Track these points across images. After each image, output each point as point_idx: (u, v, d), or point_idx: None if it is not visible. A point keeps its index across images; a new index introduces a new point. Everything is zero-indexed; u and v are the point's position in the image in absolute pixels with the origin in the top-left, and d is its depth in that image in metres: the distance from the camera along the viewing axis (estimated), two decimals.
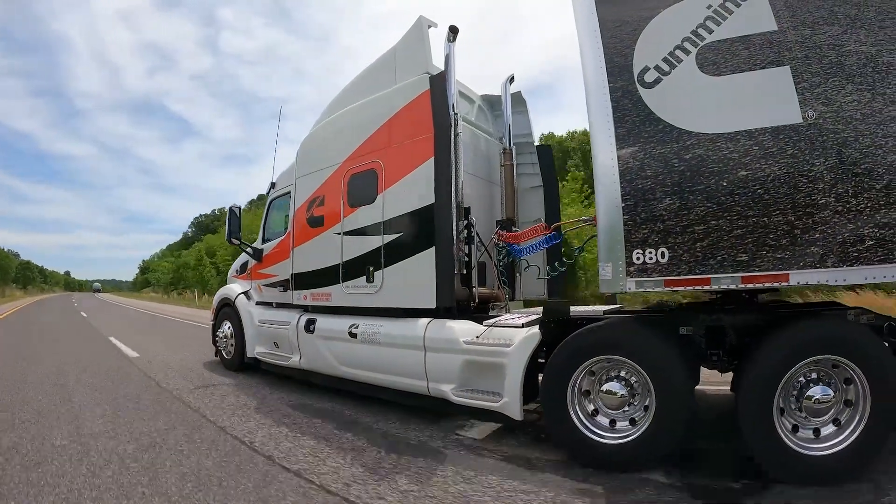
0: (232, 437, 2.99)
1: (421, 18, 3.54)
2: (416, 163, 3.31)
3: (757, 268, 2.21)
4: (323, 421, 3.37)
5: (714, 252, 2.25)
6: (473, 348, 2.95)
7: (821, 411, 2.24)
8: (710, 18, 2.46)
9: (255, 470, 2.47)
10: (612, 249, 2.39)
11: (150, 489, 2.20)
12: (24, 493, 2.15)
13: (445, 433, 3.08)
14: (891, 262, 2.12)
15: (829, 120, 2.24)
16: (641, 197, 2.36)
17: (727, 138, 2.29)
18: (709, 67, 2.39)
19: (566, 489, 2.22)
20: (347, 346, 3.64)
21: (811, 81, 2.29)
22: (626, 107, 2.46)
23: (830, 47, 2.32)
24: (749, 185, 2.23)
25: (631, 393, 2.50)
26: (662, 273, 2.31)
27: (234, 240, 4.83)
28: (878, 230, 2.15)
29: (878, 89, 2.23)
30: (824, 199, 2.19)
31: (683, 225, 2.28)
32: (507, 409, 2.75)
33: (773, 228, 2.20)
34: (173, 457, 2.62)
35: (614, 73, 2.52)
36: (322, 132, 4.22)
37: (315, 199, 4.06)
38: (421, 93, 3.32)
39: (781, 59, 2.34)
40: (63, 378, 4.74)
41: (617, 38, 2.57)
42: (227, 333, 5.01)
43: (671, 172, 2.33)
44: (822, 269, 2.17)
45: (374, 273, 3.52)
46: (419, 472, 2.45)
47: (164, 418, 3.40)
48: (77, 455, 2.63)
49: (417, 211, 3.27)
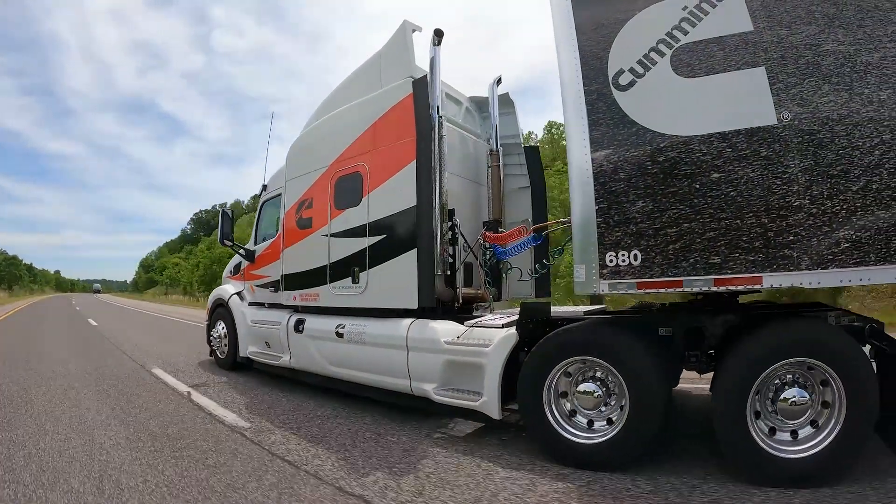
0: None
1: (405, 23, 3.58)
2: (399, 166, 3.35)
3: (730, 270, 2.21)
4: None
5: (686, 254, 2.25)
6: (454, 348, 2.99)
7: (796, 413, 2.23)
8: (686, 20, 2.45)
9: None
10: (586, 251, 2.41)
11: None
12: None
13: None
14: (867, 265, 2.10)
15: (804, 121, 2.22)
16: (615, 199, 2.37)
17: (700, 140, 2.28)
18: (683, 69, 2.39)
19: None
20: (335, 345, 3.70)
21: (787, 82, 2.27)
22: (600, 110, 2.46)
23: (807, 47, 2.30)
24: (722, 187, 2.23)
25: (607, 393, 2.52)
26: (635, 275, 2.32)
27: (226, 241, 4.92)
28: (855, 232, 2.13)
29: (855, 89, 2.19)
30: (799, 202, 2.18)
31: (656, 227, 2.29)
32: (486, 409, 2.79)
33: (746, 231, 2.19)
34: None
35: (589, 76, 2.52)
36: (311, 135, 4.28)
37: (304, 201, 4.12)
38: (404, 97, 3.36)
39: (756, 59, 2.32)
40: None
41: (593, 41, 2.57)
42: (221, 333, 5.10)
43: (644, 175, 2.33)
44: (795, 271, 2.16)
45: (360, 274, 3.57)
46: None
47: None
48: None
49: (400, 213, 3.31)
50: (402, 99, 3.37)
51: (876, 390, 2.11)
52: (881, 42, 2.23)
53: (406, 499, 2.16)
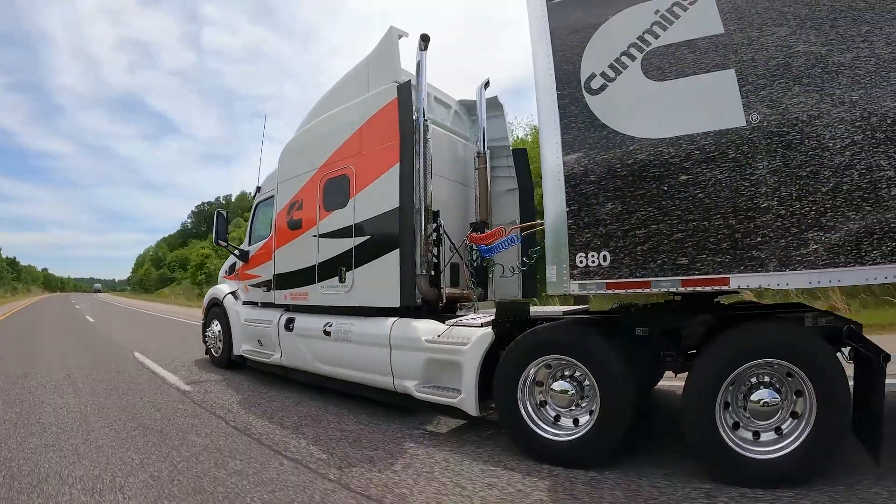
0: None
1: (391, 29, 3.66)
2: (383, 168, 3.43)
3: (697, 271, 2.23)
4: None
5: (654, 256, 2.28)
6: (434, 346, 3.05)
7: (767, 414, 2.23)
8: (657, 24, 2.48)
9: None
10: (557, 252, 2.45)
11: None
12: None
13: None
14: (836, 267, 2.10)
15: (773, 122, 2.23)
16: (585, 202, 2.41)
17: (668, 143, 2.31)
18: (653, 73, 2.42)
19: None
20: (323, 343, 3.79)
21: (756, 84, 2.28)
22: (572, 113, 2.51)
23: (778, 49, 2.30)
24: (689, 189, 2.26)
25: (580, 392, 2.56)
26: (604, 276, 2.35)
27: (221, 242, 5.06)
28: (824, 234, 2.12)
29: (826, 90, 2.19)
30: (767, 203, 2.19)
31: (625, 229, 2.33)
32: (465, 406, 2.84)
33: (714, 232, 2.21)
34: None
35: (562, 80, 2.57)
36: (302, 138, 4.38)
37: (295, 202, 4.23)
38: (389, 101, 3.44)
39: (726, 62, 2.34)
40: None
41: (567, 46, 2.62)
42: (216, 332, 5.23)
43: (614, 178, 2.37)
44: (763, 272, 2.17)
45: (346, 274, 3.66)
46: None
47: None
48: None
49: (384, 214, 3.39)
50: (387, 103, 3.45)
51: (847, 391, 2.11)
52: (854, 42, 2.22)
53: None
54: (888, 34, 2.19)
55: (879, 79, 2.15)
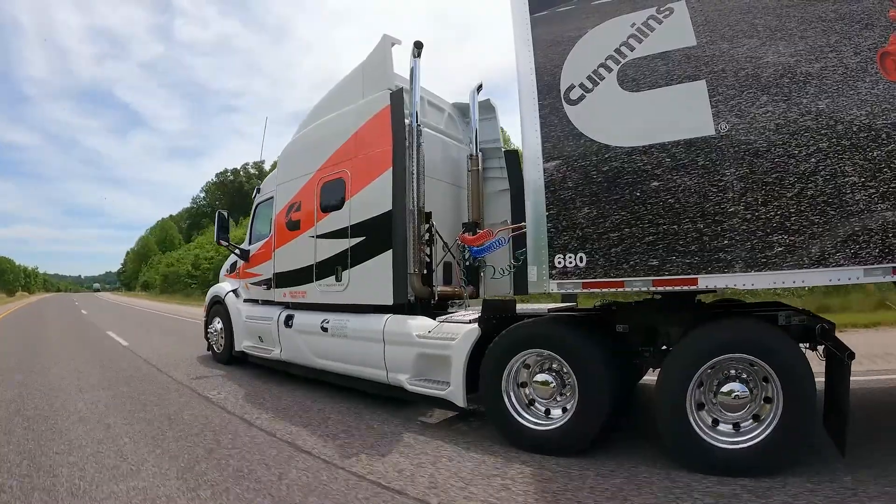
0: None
1: (385, 37, 3.79)
2: (376, 172, 3.58)
3: (667, 272, 2.37)
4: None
5: (627, 257, 2.43)
6: (425, 342, 3.22)
7: (737, 406, 2.33)
8: (633, 36, 2.60)
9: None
10: (538, 254, 2.60)
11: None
12: None
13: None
14: (801, 268, 2.20)
15: (741, 131, 2.34)
16: (563, 206, 2.55)
17: (641, 151, 2.45)
18: (628, 84, 2.55)
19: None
20: (320, 339, 3.97)
21: (726, 94, 2.39)
22: (552, 122, 2.65)
23: (748, 59, 2.38)
24: (661, 194, 2.40)
25: (561, 384, 2.72)
26: (581, 276, 2.51)
27: (222, 241, 5.24)
28: (788, 237, 2.24)
29: (794, 99, 2.28)
30: (733, 208, 2.32)
31: (600, 232, 2.47)
32: (453, 397, 3.01)
33: (683, 235, 2.35)
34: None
35: (543, 90, 2.70)
36: (300, 142, 4.54)
37: (293, 204, 4.39)
38: (382, 108, 3.59)
39: (698, 73, 2.45)
40: None
41: (548, 58, 2.75)
42: (218, 329, 5.43)
43: (590, 184, 2.51)
44: (729, 273, 2.29)
45: (342, 273, 3.82)
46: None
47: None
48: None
49: (377, 217, 3.55)
50: (380, 110, 3.60)
51: (812, 387, 2.19)
52: (823, 52, 2.30)
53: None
54: (857, 44, 2.26)
55: (847, 87, 2.23)
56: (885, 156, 2.15)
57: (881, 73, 2.18)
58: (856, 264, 2.13)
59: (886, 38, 2.20)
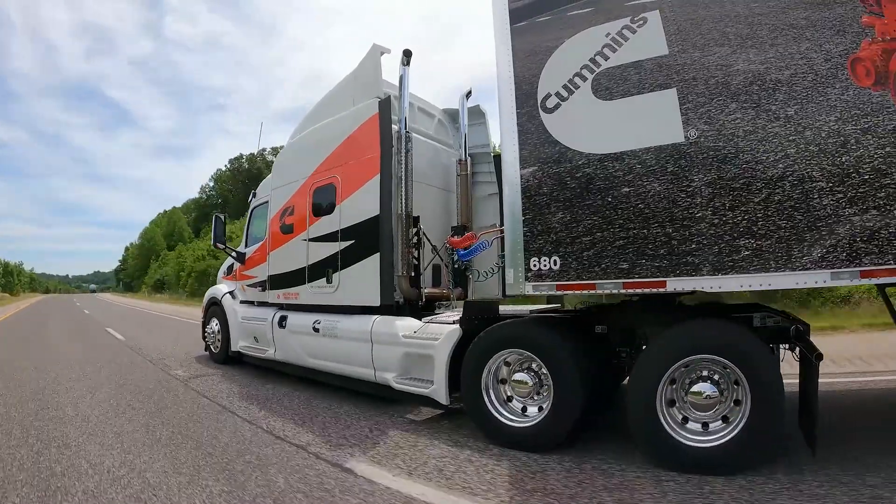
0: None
1: (374, 46, 3.91)
2: (365, 178, 3.70)
3: (637, 275, 2.45)
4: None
5: (599, 260, 2.51)
6: (410, 341, 3.33)
7: (706, 406, 2.38)
8: (608, 46, 2.68)
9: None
10: (515, 257, 2.70)
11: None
12: None
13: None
14: (766, 272, 2.26)
15: (710, 138, 2.39)
16: (538, 211, 2.64)
17: (613, 158, 2.53)
18: (602, 92, 2.63)
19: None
20: (312, 339, 4.09)
21: (696, 102, 2.44)
22: (529, 130, 2.74)
23: (718, 68, 2.42)
24: (631, 200, 2.48)
25: (539, 384, 2.80)
26: (555, 278, 2.59)
27: (219, 244, 5.39)
28: (755, 241, 2.29)
29: (763, 106, 2.32)
30: (701, 213, 2.38)
31: (573, 236, 2.56)
32: (436, 395, 3.11)
33: (652, 240, 2.42)
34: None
35: (521, 99, 2.80)
36: (294, 147, 4.68)
37: (287, 208, 4.52)
38: (370, 116, 3.71)
39: (669, 81, 2.50)
40: None
41: (526, 68, 2.84)
42: (215, 329, 5.57)
43: (564, 189, 2.60)
44: (697, 276, 2.36)
45: (333, 275, 3.94)
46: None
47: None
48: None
49: (366, 222, 3.67)
50: (369, 118, 3.72)
51: (779, 388, 2.23)
52: (793, 59, 2.33)
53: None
54: (828, 51, 2.29)
55: (816, 94, 2.26)
56: (853, 161, 2.18)
57: (851, 80, 2.21)
58: (822, 268, 2.17)
59: (858, 44, 2.22)
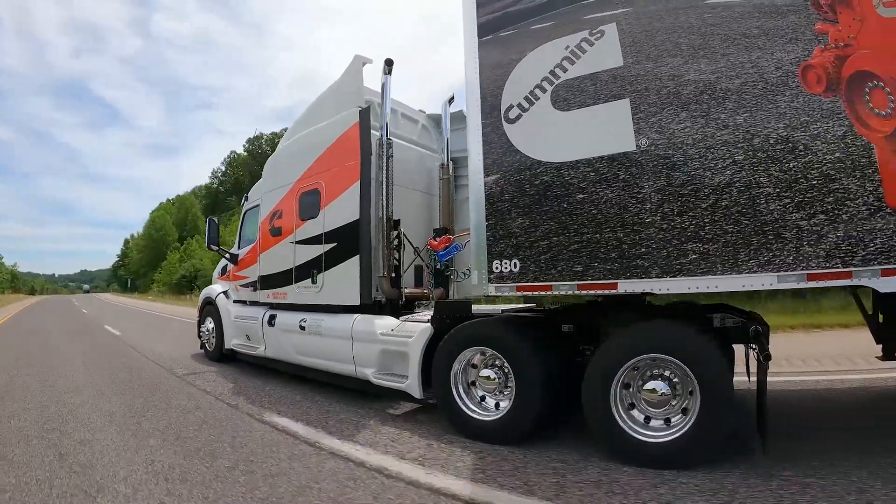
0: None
1: (356, 57, 4.09)
2: (346, 184, 3.89)
3: (590, 277, 2.60)
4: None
5: (555, 263, 2.66)
6: (387, 339, 3.51)
7: (659, 403, 2.48)
8: (567, 58, 2.82)
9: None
10: (479, 260, 2.86)
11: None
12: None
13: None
14: (713, 274, 2.36)
15: (660, 147, 2.49)
16: (500, 217, 2.80)
17: (569, 166, 2.68)
18: (560, 104, 2.77)
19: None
20: (299, 337, 4.29)
21: (647, 112, 2.54)
22: (493, 140, 2.89)
23: (670, 78, 2.51)
24: (585, 206, 2.62)
25: (505, 380, 2.96)
26: (515, 280, 2.75)
27: (213, 246, 5.62)
28: (702, 245, 2.40)
29: (712, 115, 2.40)
30: (651, 218, 2.51)
31: (531, 241, 2.71)
32: (411, 389, 3.29)
33: (604, 244, 2.56)
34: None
35: (486, 110, 2.95)
36: (282, 154, 4.89)
37: (276, 212, 4.73)
38: (351, 125, 3.89)
39: (623, 92, 2.60)
40: None
41: (491, 80, 2.99)
42: (209, 328, 5.81)
43: (524, 196, 2.75)
44: (647, 279, 2.48)
45: (317, 276, 4.14)
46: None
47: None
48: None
49: (347, 225, 3.86)
50: (350, 127, 3.91)
51: (726, 387, 2.33)
52: (743, 68, 2.40)
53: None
54: (779, 59, 2.35)
55: (766, 102, 2.33)
56: (801, 167, 2.26)
57: (802, 87, 2.27)
58: (769, 271, 2.26)
59: (810, 51, 2.27)
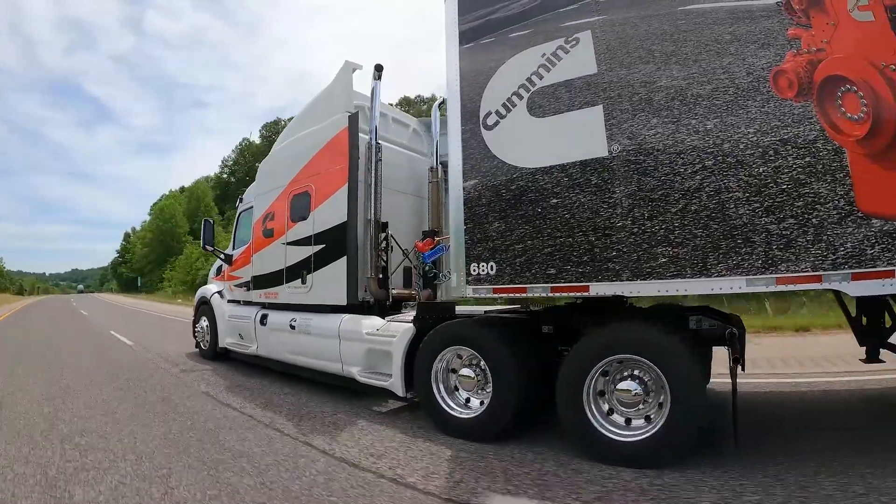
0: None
1: (347, 63, 4.20)
2: (335, 187, 3.99)
3: (563, 280, 2.67)
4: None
5: (529, 266, 2.74)
6: (372, 338, 3.61)
7: (633, 403, 2.52)
8: (543, 66, 2.89)
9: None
10: (458, 262, 2.95)
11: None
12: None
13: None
14: (682, 278, 2.42)
15: (631, 152, 2.54)
16: (478, 221, 2.89)
17: (543, 171, 2.76)
18: (536, 110, 2.85)
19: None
20: (289, 336, 4.40)
21: (619, 118, 2.59)
22: (472, 146, 2.98)
23: (642, 84, 2.55)
24: (558, 210, 2.70)
25: (485, 380, 3.04)
26: (491, 283, 2.84)
27: (208, 247, 5.75)
28: (672, 249, 2.45)
29: (682, 121, 2.44)
30: (622, 222, 2.58)
31: (507, 244, 2.80)
32: (394, 388, 3.39)
33: (577, 247, 2.63)
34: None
35: (466, 117, 3.04)
36: (275, 156, 5.00)
37: (268, 214, 4.85)
38: (340, 130, 4.00)
39: (596, 99, 2.66)
40: None
41: (471, 87, 3.08)
42: (204, 327, 5.94)
43: (500, 201, 2.84)
44: (617, 282, 2.54)
45: (307, 276, 4.25)
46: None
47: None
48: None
49: (335, 227, 3.97)
50: (339, 132, 4.02)
51: (697, 387, 2.39)
52: (715, 74, 2.42)
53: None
54: (751, 64, 2.37)
55: (737, 107, 2.36)
56: (771, 171, 2.28)
57: (773, 92, 2.30)
58: (738, 274, 2.30)
59: (782, 56, 2.28)
